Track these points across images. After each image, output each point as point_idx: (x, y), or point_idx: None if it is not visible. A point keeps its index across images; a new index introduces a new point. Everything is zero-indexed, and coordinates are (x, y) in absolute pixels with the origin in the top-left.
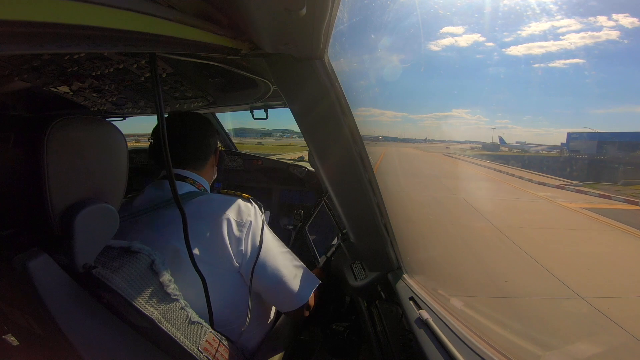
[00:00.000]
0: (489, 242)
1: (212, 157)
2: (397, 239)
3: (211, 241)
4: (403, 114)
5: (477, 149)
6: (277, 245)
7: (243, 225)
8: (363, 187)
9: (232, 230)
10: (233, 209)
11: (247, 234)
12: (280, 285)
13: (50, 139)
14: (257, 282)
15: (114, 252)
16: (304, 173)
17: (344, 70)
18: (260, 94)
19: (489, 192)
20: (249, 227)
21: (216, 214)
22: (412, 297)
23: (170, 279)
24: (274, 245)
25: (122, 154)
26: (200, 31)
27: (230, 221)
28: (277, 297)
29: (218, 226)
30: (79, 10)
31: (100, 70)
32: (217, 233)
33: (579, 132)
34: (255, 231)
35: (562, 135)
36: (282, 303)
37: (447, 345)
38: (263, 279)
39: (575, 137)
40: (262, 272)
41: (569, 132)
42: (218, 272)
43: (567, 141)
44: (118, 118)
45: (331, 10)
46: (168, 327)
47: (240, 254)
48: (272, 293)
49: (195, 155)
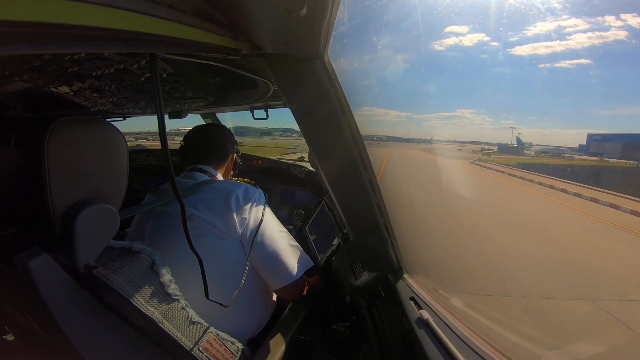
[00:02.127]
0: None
1: (229, 160)
2: (397, 239)
3: (220, 209)
4: (407, 113)
5: (494, 152)
6: (276, 223)
7: (248, 200)
8: (363, 187)
9: (238, 203)
10: (241, 188)
11: (250, 208)
12: (274, 258)
13: (51, 140)
14: (253, 253)
15: (114, 252)
16: (304, 173)
17: (347, 70)
18: (261, 94)
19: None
20: (253, 203)
21: (227, 189)
22: (413, 297)
23: (170, 279)
24: (273, 224)
25: (123, 154)
26: (200, 31)
27: (238, 196)
28: (270, 270)
29: (227, 198)
30: (79, 10)
31: (100, 71)
32: (225, 203)
33: (600, 134)
34: (259, 209)
35: (568, 136)
36: (274, 277)
37: (448, 345)
38: (260, 251)
39: (596, 138)
40: (260, 244)
41: (589, 133)
42: (222, 236)
43: (587, 143)
44: (118, 118)
45: (331, 10)
46: (169, 327)
47: (243, 222)
48: (266, 265)
49: (217, 154)
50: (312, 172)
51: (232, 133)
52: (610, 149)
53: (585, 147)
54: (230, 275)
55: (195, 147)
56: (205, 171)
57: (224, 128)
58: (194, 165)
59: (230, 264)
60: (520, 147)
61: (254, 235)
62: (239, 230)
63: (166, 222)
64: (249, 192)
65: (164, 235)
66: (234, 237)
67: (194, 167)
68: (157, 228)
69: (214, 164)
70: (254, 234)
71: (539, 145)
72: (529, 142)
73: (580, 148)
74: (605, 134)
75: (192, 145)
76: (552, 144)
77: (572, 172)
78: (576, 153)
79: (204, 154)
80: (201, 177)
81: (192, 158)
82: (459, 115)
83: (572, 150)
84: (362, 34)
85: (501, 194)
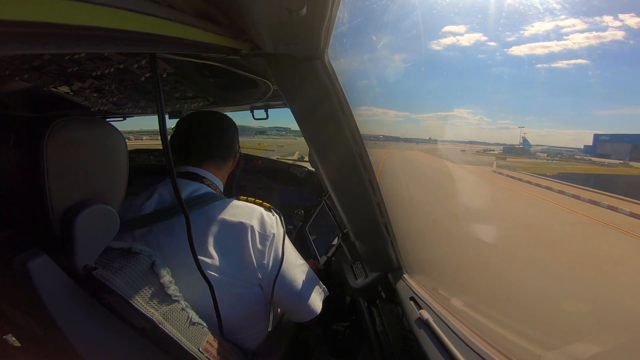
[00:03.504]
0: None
1: (232, 160)
2: (397, 239)
3: (234, 252)
4: (405, 113)
5: (499, 154)
6: (295, 257)
7: (266, 237)
8: (363, 187)
9: (255, 243)
10: (256, 219)
11: (270, 247)
12: (296, 299)
13: (50, 140)
14: (275, 293)
15: (114, 253)
16: (304, 173)
17: (345, 70)
18: (261, 94)
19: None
20: (272, 240)
21: (240, 224)
22: (413, 297)
23: (170, 280)
24: (294, 258)
25: (122, 154)
26: (200, 31)
27: (255, 232)
28: (292, 308)
29: (242, 237)
30: (79, 10)
31: (100, 70)
32: (241, 244)
33: (608, 134)
34: (278, 244)
35: (565, 136)
36: (295, 314)
37: (448, 345)
38: (281, 292)
39: (604, 139)
40: (281, 284)
41: (596, 133)
42: (239, 283)
43: (594, 143)
44: (119, 118)
45: (331, 10)
46: (169, 328)
47: (262, 266)
48: (287, 304)
49: (222, 152)
50: (312, 172)
51: (237, 127)
52: (618, 150)
53: (591, 148)
54: (250, 318)
55: (195, 142)
56: (203, 178)
57: (231, 121)
58: (187, 168)
59: (251, 310)
60: (527, 148)
61: (275, 277)
62: (259, 275)
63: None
64: (266, 226)
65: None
66: (252, 282)
67: (188, 172)
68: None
69: (215, 164)
70: (275, 275)
71: (539, 145)
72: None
73: (585, 149)
74: (613, 134)
75: (190, 138)
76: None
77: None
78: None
79: (205, 152)
80: (199, 188)
81: (187, 155)
82: (456, 115)
83: (579, 152)
84: (361, 34)
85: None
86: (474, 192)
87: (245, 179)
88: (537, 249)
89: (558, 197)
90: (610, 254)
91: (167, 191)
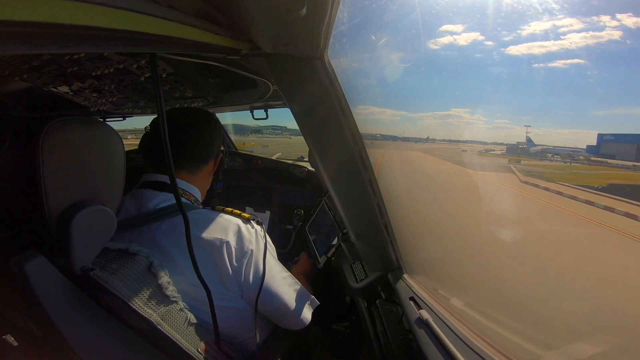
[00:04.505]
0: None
1: (212, 162)
2: (397, 239)
3: (211, 269)
4: (402, 112)
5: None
6: (279, 270)
7: (244, 255)
8: (363, 187)
9: (232, 260)
10: (232, 234)
11: (248, 264)
12: (282, 311)
13: (46, 140)
14: (260, 307)
15: (111, 254)
16: (304, 173)
17: (343, 69)
18: (260, 94)
19: None
20: (251, 256)
21: (215, 241)
22: (413, 297)
23: (168, 281)
24: (276, 272)
25: (119, 155)
26: (200, 31)
27: (231, 249)
28: (280, 320)
29: (217, 254)
30: (79, 10)
31: (100, 70)
32: (217, 263)
33: (612, 134)
34: (258, 259)
35: (561, 135)
36: (285, 324)
37: (448, 345)
38: (266, 306)
39: (608, 139)
40: (265, 299)
41: (600, 133)
42: (220, 297)
43: (598, 143)
44: (118, 118)
45: (331, 10)
46: (167, 329)
47: (242, 283)
48: (275, 317)
49: (194, 155)
50: (312, 172)
51: (218, 121)
52: (623, 151)
53: (595, 149)
54: (241, 329)
55: (159, 146)
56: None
57: (208, 113)
58: (156, 177)
59: (242, 322)
60: (529, 147)
61: (257, 293)
62: (240, 291)
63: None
64: (244, 241)
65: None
66: (236, 297)
67: (156, 181)
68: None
69: (187, 168)
70: (257, 290)
71: (540, 145)
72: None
73: (588, 149)
74: (618, 134)
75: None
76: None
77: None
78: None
79: (179, 156)
80: (165, 199)
81: (157, 159)
82: (453, 114)
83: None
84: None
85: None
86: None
87: (245, 179)
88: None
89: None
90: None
91: (132, 203)
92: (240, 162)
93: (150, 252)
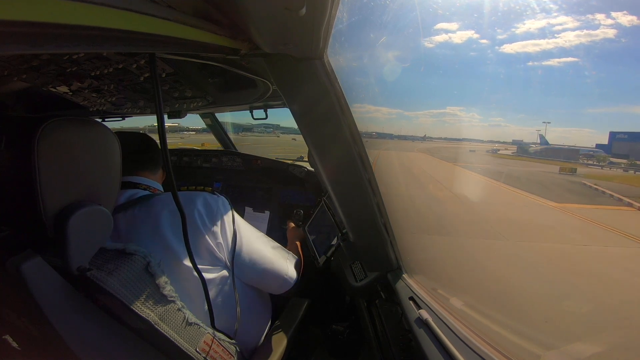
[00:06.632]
0: None
1: (161, 170)
2: (397, 239)
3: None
4: (398, 110)
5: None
6: (252, 231)
7: (213, 216)
8: (363, 187)
9: (204, 223)
10: (200, 202)
11: (220, 225)
12: (265, 273)
13: (41, 140)
14: (241, 273)
15: (108, 254)
16: (304, 173)
17: (341, 68)
18: (260, 94)
19: None
20: (221, 217)
21: (186, 208)
22: (412, 296)
23: (166, 281)
24: (250, 232)
25: (115, 155)
26: (199, 31)
27: (201, 213)
28: (267, 283)
29: (191, 220)
30: (79, 10)
31: (99, 70)
32: (192, 227)
33: (626, 132)
34: (228, 220)
35: (554, 133)
36: (272, 288)
37: (447, 345)
38: (246, 269)
39: (621, 137)
40: (243, 261)
41: (612, 131)
42: (202, 266)
43: (610, 142)
44: (117, 118)
45: (330, 10)
46: (165, 329)
47: (220, 245)
48: (261, 281)
49: (152, 159)
50: (312, 172)
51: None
52: (638, 150)
53: (607, 147)
54: (227, 303)
55: (126, 157)
56: (137, 184)
57: (152, 141)
58: (127, 179)
59: (225, 295)
60: (543, 145)
61: (232, 255)
62: (219, 255)
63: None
64: (210, 205)
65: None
66: (219, 265)
67: (129, 182)
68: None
69: (151, 169)
70: (232, 253)
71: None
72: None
73: (598, 148)
74: (632, 133)
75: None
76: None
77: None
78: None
79: (139, 160)
80: (135, 193)
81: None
82: (449, 113)
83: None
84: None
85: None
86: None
87: (245, 179)
88: None
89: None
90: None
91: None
92: (240, 162)
93: (147, 252)
